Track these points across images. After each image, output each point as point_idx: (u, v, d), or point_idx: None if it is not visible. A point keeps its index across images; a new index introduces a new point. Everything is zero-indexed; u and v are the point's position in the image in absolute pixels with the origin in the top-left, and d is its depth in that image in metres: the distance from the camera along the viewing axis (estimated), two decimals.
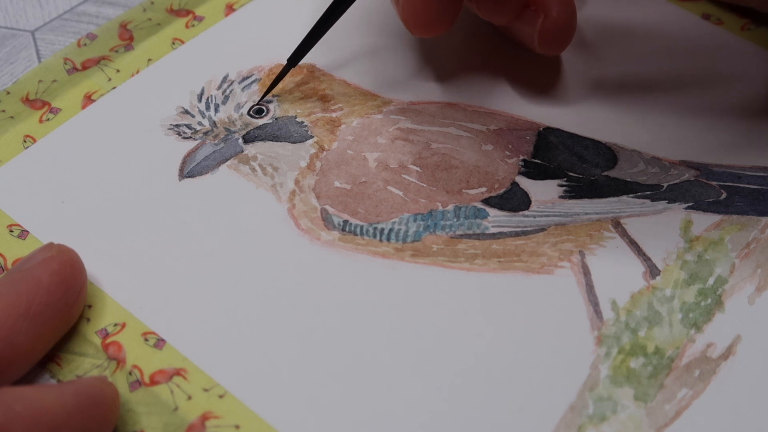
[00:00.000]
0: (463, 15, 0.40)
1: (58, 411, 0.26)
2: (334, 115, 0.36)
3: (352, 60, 0.38)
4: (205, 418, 0.29)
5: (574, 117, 0.36)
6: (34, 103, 0.37)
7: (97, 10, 0.41)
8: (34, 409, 0.26)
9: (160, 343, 0.31)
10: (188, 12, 0.40)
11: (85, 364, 0.30)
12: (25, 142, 0.36)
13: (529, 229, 0.33)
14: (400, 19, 0.34)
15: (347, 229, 0.33)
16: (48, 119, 0.37)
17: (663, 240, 0.33)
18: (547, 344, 0.30)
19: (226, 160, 0.35)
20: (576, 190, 0.34)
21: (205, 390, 0.30)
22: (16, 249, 0.33)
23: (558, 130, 0.36)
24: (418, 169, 0.35)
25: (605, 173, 0.35)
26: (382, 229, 0.33)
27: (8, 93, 0.37)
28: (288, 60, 0.36)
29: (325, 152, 0.35)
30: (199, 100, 0.37)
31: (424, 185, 0.34)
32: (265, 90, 0.37)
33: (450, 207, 0.34)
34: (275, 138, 0.36)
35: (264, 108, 0.36)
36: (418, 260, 0.32)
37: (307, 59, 0.37)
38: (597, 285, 0.32)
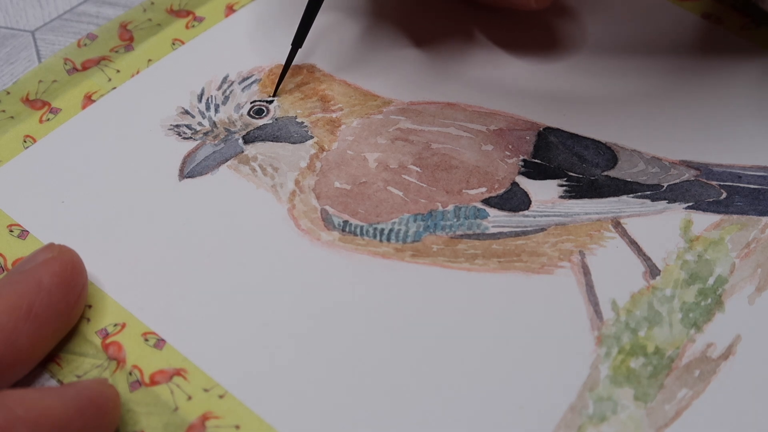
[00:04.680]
0: (464, 14, 0.40)
1: (60, 414, 0.26)
2: (334, 115, 0.36)
3: (352, 60, 0.38)
4: (205, 418, 0.29)
5: (574, 117, 0.36)
6: (34, 103, 0.37)
7: (97, 10, 0.41)
8: (36, 412, 0.26)
9: (160, 343, 0.31)
10: (188, 12, 0.40)
11: (85, 365, 0.30)
12: (25, 142, 0.36)
13: (529, 229, 0.33)
14: None
15: (347, 229, 0.33)
16: (48, 119, 0.37)
17: (663, 240, 0.33)
18: (547, 344, 0.30)
19: (226, 160, 0.35)
20: (576, 190, 0.34)
21: (205, 390, 0.30)
22: (16, 249, 0.33)
23: (558, 130, 0.36)
24: (418, 169, 0.35)
25: (605, 173, 0.35)
26: (382, 230, 0.33)
27: (8, 93, 0.37)
28: (292, 44, 0.36)
29: (325, 153, 0.35)
30: (199, 100, 0.37)
31: (424, 185, 0.34)
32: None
33: (450, 207, 0.34)
34: (275, 138, 0.36)
35: (264, 108, 0.37)
36: (418, 260, 0.32)
37: (307, 59, 0.37)
38: (597, 285, 0.32)
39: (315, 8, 0.36)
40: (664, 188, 0.34)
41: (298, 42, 0.36)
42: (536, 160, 0.35)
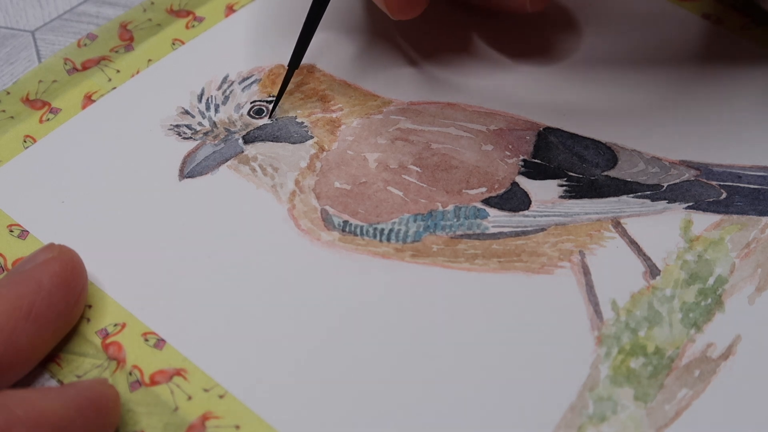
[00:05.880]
0: (463, 17, 0.40)
1: (60, 414, 0.26)
2: (334, 115, 0.36)
3: (352, 60, 0.38)
4: (205, 418, 0.29)
5: (574, 117, 0.36)
6: (34, 103, 0.37)
7: (97, 10, 0.41)
8: (36, 413, 0.26)
9: (160, 343, 0.31)
10: (188, 12, 0.40)
11: (85, 365, 0.30)
12: (25, 142, 0.36)
13: (529, 229, 0.33)
14: (380, 5, 0.34)
15: (347, 229, 0.33)
16: (48, 119, 0.37)
17: (663, 240, 0.33)
18: (547, 344, 0.30)
19: (226, 160, 0.35)
20: (576, 190, 0.34)
21: (205, 390, 0.30)
22: (16, 249, 0.33)
23: (558, 130, 0.36)
24: (418, 169, 0.35)
25: (605, 173, 0.35)
26: (382, 230, 0.33)
27: (8, 93, 0.37)
28: (289, 65, 0.36)
29: (325, 153, 0.35)
30: (199, 100, 0.37)
31: (424, 185, 0.34)
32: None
33: (450, 207, 0.34)
34: (275, 138, 0.36)
35: (264, 108, 0.37)
36: (418, 260, 0.32)
37: (307, 60, 0.37)
38: (597, 285, 0.32)
39: (311, 29, 0.36)
40: (664, 188, 0.34)
41: (294, 63, 0.36)
42: (536, 160, 0.35)
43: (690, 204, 0.34)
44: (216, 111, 0.36)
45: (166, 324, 0.31)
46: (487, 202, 0.34)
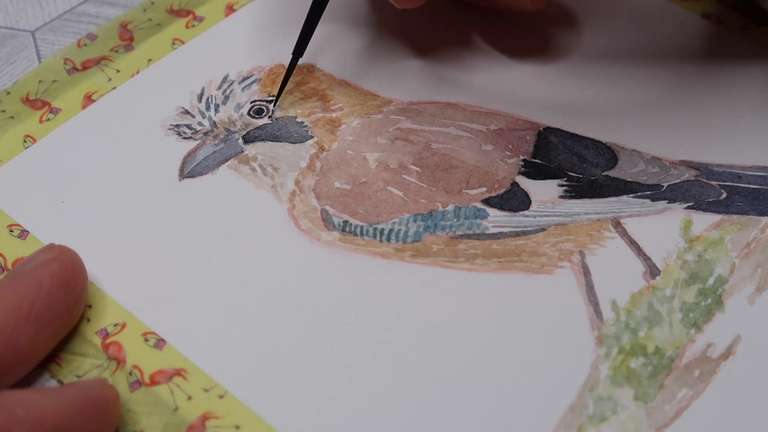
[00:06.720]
0: (463, 16, 0.40)
1: (60, 414, 0.26)
2: (334, 115, 0.36)
3: (352, 60, 0.38)
4: (205, 418, 0.29)
5: (574, 117, 0.36)
6: (34, 103, 0.37)
7: (97, 10, 0.41)
8: (36, 413, 0.26)
9: (160, 343, 0.31)
10: (188, 12, 0.40)
11: (85, 365, 0.30)
12: (25, 142, 0.36)
13: (529, 229, 0.33)
14: None
15: (347, 229, 0.33)
16: (48, 119, 0.37)
17: (663, 240, 0.33)
18: (547, 344, 0.30)
19: (226, 160, 0.35)
20: (576, 190, 0.34)
21: (205, 390, 0.30)
22: (16, 249, 0.33)
23: (558, 130, 0.36)
24: (418, 169, 0.35)
25: (605, 173, 0.35)
26: (382, 230, 0.33)
27: (8, 93, 0.37)
28: (293, 53, 0.36)
29: (325, 152, 0.35)
30: (199, 100, 0.37)
31: (424, 185, 0.34)
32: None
33: (450, 207, 0.34)
34: (275, 138, 0.36)
35: (264, 108, 0.37)
36: (418, 260, 0.32)
37: (307, 59, 0.37)
38: (597, 285, 0.32)
39: (316, 17, 0.36)
40: (664, 188, 0.34)
41: (298, 51, 0.36)
42: (536, 160, 0.35)
43: (690, 204, 0.34)
44: (216, 111, 0.36)
45: (166, 324, 0.31)
46: (487, 202, 0.34)
